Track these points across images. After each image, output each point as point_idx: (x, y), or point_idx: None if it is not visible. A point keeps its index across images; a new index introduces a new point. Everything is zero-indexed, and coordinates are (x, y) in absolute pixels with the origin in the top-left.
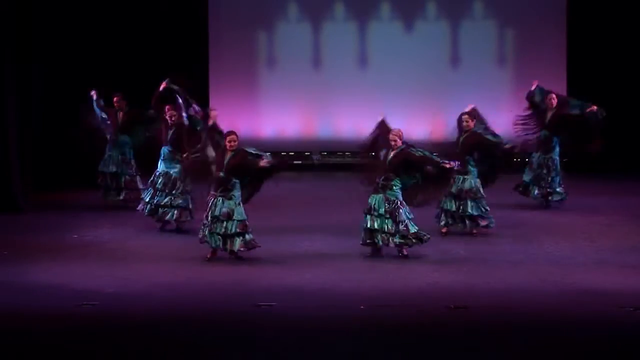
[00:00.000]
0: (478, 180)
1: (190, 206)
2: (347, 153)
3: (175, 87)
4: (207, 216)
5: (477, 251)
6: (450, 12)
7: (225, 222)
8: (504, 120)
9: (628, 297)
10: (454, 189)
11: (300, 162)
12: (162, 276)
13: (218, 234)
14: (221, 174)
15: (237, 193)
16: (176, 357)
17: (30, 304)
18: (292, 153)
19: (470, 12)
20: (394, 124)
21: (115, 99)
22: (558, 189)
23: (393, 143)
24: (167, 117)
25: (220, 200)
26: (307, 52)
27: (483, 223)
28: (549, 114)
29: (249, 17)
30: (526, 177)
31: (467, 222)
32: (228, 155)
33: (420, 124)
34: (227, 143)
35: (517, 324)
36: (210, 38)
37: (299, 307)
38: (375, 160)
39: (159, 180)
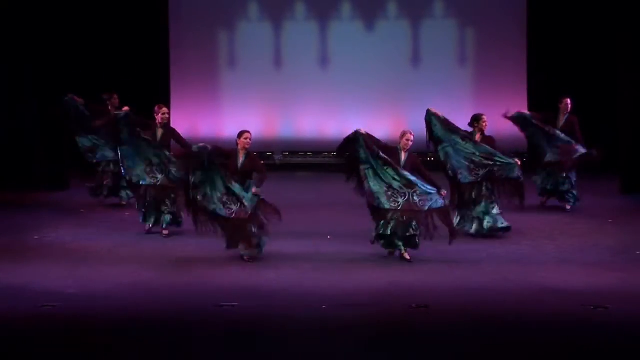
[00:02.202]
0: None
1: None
2: (308, 153)
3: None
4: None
5: (439, 250)
6: (411, 11)
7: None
8: (465, 119)
9: (590, 296)
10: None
11: (262, 162)
12: (124, 277)
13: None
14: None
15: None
16: (138, 357)
17: None
18: (254, 153)
19: (431, 11)
20: (355, 123)
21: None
22: (574, 192)
23: (409, 143)
24: (157, 117)
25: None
26: (268, 52)
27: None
28: (562, 117)
29: (209, 17)
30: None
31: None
32: (241, 158)
33: (381, 123)
34: (242, 141)
35: (478, 323)
36: (170, 38)
37: (261, 306)
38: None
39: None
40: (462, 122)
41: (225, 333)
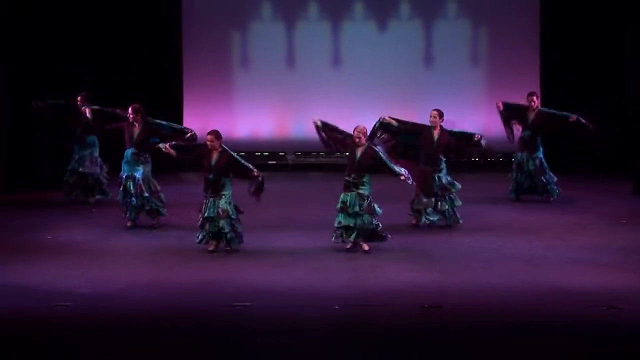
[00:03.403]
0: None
1: (160, 207)
2: (321, 153)
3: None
4: (201, 218)
5: (451, 250)
6: (424, 11)
7: (219, 222)
8: (477, 119)
9: (602, 296)
10: (435, 189)
11: (274, 162)
12: (136, 276)
13: (211, 232)
14: (210, 176)
15: (227, 192)
16: (150, 357)
17: (3, 305)
18: (267, 153)
19: (443, 11)
20: (368, 123)
21: (78, 99)
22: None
23: (357, 140)
24: (130, 119)
25: (212, 201)
26: (281, 52)
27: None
28: (531, 115)
29: (222, 17)
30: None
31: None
32: (214, 157)
33: None
34: (208, 143)
35: (490, 323)
36: (183, 38)
37: (273, 307)
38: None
39: (128, 183)
40: (474, 122)
41: (238, 333)
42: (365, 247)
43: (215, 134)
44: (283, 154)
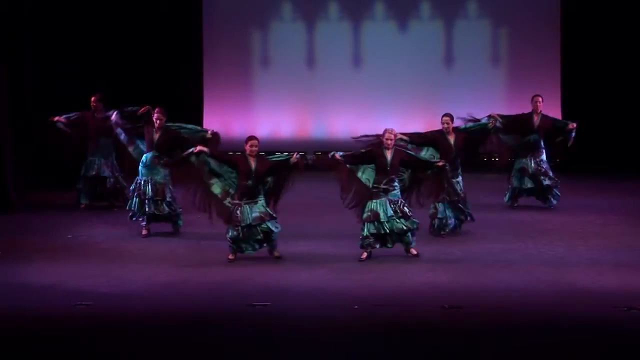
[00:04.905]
0: None
1: (178, 212)
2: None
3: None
4: (236, 228)
5: (472, 251)
6: (444, 12)
7: (262, 225)
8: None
9: (623, 297)
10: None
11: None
12: (156, 276)
13: (257, 240)
14: (249, 182)
15: (261, 197)
16: (170, 357)
17: (24, 304)
18: (287, 153)
19: (464, 12)
20: (388, 123)
21: (92, 98)
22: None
23: (389, 142)
24: (154, 120)
25: (248, 208)
26: (301, 52)
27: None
28: (536, 118)
29: (243, 17)
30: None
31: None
32: (253, 162)
33: (414, 124)
34: (248, 148)
35: (511, 323)
36: (204, 38)
37: (293, 307)
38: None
39: (147, 189)
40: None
41: (257, 333)
42: (414, 251)
43: (257, 139)
44: (303, 153)
